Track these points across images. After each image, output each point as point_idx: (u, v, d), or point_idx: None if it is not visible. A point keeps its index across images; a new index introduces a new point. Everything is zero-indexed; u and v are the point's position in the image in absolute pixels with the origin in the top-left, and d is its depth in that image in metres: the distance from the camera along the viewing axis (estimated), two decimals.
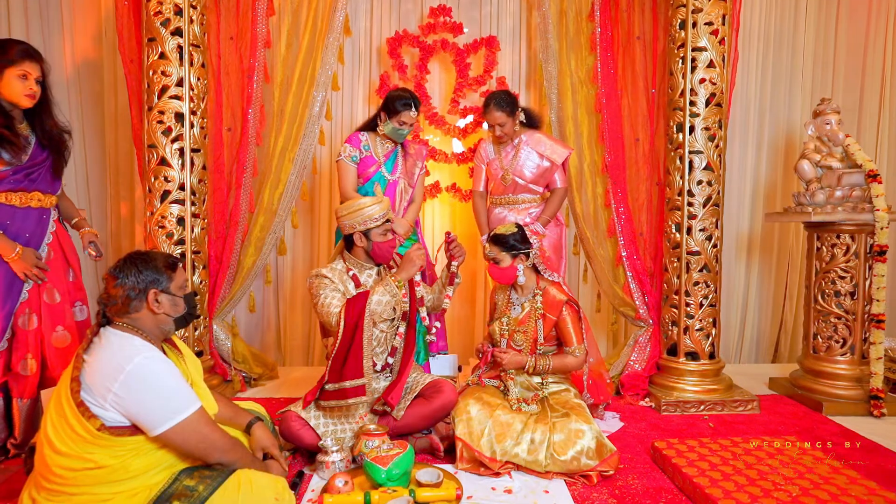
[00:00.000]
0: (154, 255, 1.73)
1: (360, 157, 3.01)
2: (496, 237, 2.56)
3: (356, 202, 2.45)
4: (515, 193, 3.24)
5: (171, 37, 2.91)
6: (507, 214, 3.25)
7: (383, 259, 2.52)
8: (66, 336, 2.38)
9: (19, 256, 2.25)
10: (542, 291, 2.59)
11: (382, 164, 3.03)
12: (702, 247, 3.10)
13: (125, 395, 1.54)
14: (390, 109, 2.96)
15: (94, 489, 1.55)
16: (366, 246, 2.47)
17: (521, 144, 3.20)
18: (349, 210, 2.44)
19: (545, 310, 2.56)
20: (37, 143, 2.35)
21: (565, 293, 2.59)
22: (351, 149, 3.00)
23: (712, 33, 3.03)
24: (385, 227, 2.47)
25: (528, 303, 2.60)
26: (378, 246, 2.47)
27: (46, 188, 2.39)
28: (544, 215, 3.18)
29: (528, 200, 3.24)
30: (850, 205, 3.11)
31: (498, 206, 3.29)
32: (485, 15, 3.98)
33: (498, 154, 3.26)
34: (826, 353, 3.22)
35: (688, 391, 3.09)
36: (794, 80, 4.17)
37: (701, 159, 3.08)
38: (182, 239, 3.00)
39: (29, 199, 2.33)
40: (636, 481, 2.22)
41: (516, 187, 3.22)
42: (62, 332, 2.37)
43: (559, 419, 2.29)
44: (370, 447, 2.14)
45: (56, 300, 2.38)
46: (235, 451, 1.75)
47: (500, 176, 3.23)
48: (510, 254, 2.53)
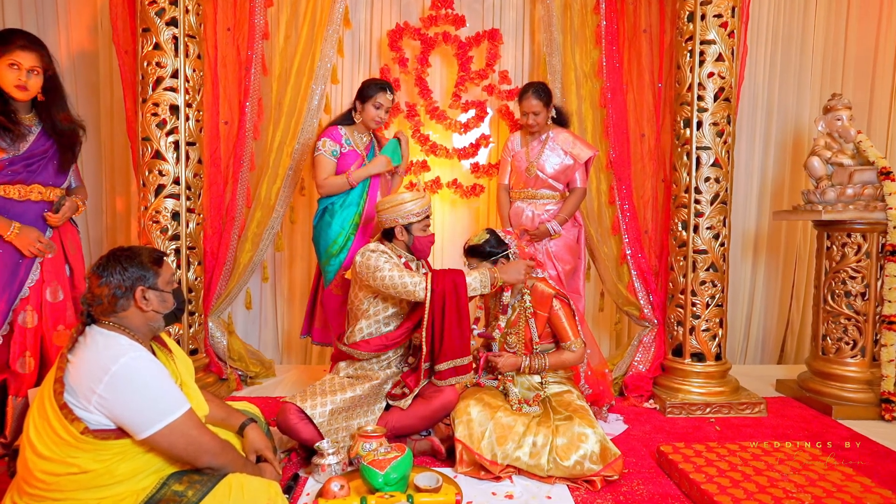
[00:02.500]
0: (138, 251, 1.66)
1: (340, 152, 2.98)
2: (472, 249, 2.54)
3: (398, 196, 2.50)
4: (536, 188, 3.22)
5: (167, 27, 2.84)
6: (526, 208, 3.24)
7: (422, 254, 2.57)
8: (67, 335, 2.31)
9: (16, 234, 2.22)
10: (530, 289, 2.53)
11: (365, 158, 3.03)
12: (709, 245, 3.03)
13: (110, 397, 1.48)
14: (365, 95, 2.95)
15: (78, 495, 1.49)
16: (406, 240, 2.51)
17: (549, 140, 3.20)
18: (391, 204, 2.48)
19: (535, 307, 2.52)
20: (41, 134, 2.30)
21: (553, 287, 2.55)
22: (331, 143, 2.96)
23: (721, 26, 2.95)
24: (426, 223, 2.51)
25: (517, 303, 2.54)
26: (419, 240, 2.51)
27: (48, 181, 2.34)
28: (561, 214, 3.16)
29: (547, 196, 3.22)
30: (861, 203, 3.04)
31: (518, 200, 3.29)
32: (487, 7, 3.90)
33: (525, 147, 3.27)
34: (836, 354, 3.15)
35: (693, 393, 3.02)
36: (802, 75, 4.08)
37: (709, 155, 3.00)
38: (177, 234, 2.93)
39: (28, 191, 2.28)
40: (641, 487, 2.15)
41: (537, 182, 3.21)
42: (63, 331, 2.33)
43: (562, 422, 2.22)
44: (367, 450, 2.08)
45: (59, 298, 2.34)
46: (226, 454, 1.68)
47: (524, 168, 3.24)
48: (490, 261, 2.50)
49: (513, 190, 3.33)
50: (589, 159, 3.18)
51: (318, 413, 2.27)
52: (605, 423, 2.79)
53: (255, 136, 3.38)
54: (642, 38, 3.38)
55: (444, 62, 3.91)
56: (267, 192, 3.37)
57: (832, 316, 3.17)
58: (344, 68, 3.85)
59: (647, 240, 3.40)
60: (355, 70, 3.91)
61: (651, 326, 3.33)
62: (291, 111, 3.36)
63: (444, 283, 2.33)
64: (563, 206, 3.20)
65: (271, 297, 4.00)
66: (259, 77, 3.34)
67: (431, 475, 2.04)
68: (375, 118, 2.97)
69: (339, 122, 3.04)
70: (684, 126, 3.06)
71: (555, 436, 2.15)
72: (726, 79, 2.99)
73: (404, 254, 2.54)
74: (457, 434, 2.23)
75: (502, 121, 3.84)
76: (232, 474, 1.64)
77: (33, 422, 1.51)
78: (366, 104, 2.95)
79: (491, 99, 3.79)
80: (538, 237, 3.16)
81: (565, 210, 3.17)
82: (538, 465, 2.13)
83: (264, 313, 4.01)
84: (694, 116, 3.00)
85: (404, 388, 2.48)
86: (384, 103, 2.95)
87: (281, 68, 3.41)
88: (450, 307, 2.33)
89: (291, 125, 3.35)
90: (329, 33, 3.33)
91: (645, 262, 3.36)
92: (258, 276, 3.82)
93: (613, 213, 3.41)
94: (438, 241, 3.97)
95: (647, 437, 2.66)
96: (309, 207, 3.94)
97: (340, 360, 2.56)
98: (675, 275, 3.14)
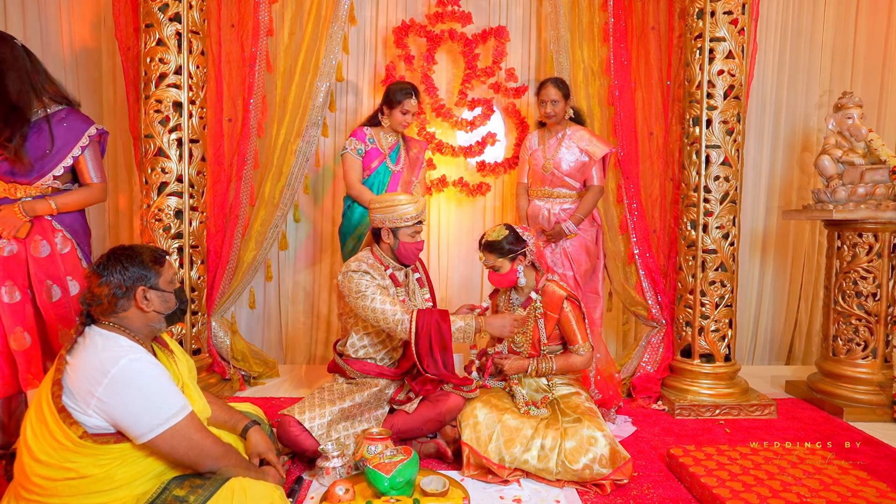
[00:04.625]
0: (139, 250, 1.62)
1: (364, 150, 3.04)
2: (489, 244, 2.46)
3: (392, 196, 2.38)
4: (552, 186, 3.21)
5: (170, 23, 2.81)
6: (543, 207, 3.22)
7: (408, 260, 2.46)
8: (25, 338, 2.15)
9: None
10: (541, 289, 2.49)
11: (387, 156, 3.06)
12: (718, 245, 2.99)
13: (109, 400, 1.44)
14: (391, 101, 3.00)
15: (76, 500, 1.45)
16: (392, 244, 2.41)
17: (565, 137, 3.19)
18: (382, 203, 2.37)
19: (545, 308, 2.46)
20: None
21: (565, 289, 2.49)
22: (356, 142, 3.03)
23: (731, 23, 2.91)
24: (416, 229, 2.40)
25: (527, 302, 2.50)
26: (404, 246, 2.40)
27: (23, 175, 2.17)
28: (577, 213, 3.13)
29: (564, 195, 3.19)
30: (873, 202, 2.99)
31: (535, 198, 3.28)
32: (494, 4, 3.86)
33: (542, 144, 3.27)
34: (847, 356, 3.10)
35: (702, 394, 2.98)
36: (811, 74, 4.03)
37: (718, 154, 2.96)
38: (180, 232, 2.90)
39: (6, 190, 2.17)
40: (651, 490, 2.11)
41: (553, 179, 3.19)
42: (21, 333, 2.15)
43: (571, 425, 2.18)
44: (373, 452, 2.04)
45: (16, 299, 2.15)
46: (229, 457, 1.65)
47: (540, 166, 3.23)
48: (507, 258, 2.44)
49: (531, 188, 3.32)
50: (605, 156, 3.16)
51: (316, 426, 2.21)
52: (614, 424, 2.74)
53: (259, 133, 3.35)
54: (650, 36, 3.35)
55: (450, 59, 3.87)
56: (271, 191, 3.34)
57: (843, 316, 3.13)
58: (349, 65, 3.82)
59: (654, 239, 3.36)
60: (360, 67, 3.87)
61: (659, 327, 3.29)
62: (296, 108, 3.33)
63: (429, 326, 2.24)
64: (580, 204, 3.16)
65: (275, 297, 3.96)
66: (263, 74, 3.31)
67: (438, 478, 2.01)
68: (402, 123, 3.04)
69: (366, 124, 3.11)
70: (693, 124, 3.01)
71: (563, 439, 2.11)
72: (736, 76, 2.94)
73: (390, 262, 2.45)
74: (463, 437, 2.19)
75: (509, 118, 3.80)
76: (234, 478, 1.61)
77: (31, 425, 1.48)
78: (393, 110, 3.00)
79: (497, 97, 3.76)
80: (554, 237, 3.12)
81: (581, 209, 3.14)
82: (546, 468, 2.09)
83: (268, 313, 3.98)
84: (703, 114, 2.96)
85: (409, 392, 2.44)
86: (410, 109, 3.01)
87: (285, 65, 3.38)
88: (436, 347, 2.26)
89: (296, 123, 3.32)
90: (334, 30, 3.30)
91: (653, 262, 3.32)
92: (262, 276, 3.79)
93: (621, 211, 3.37)
94: (443, 241, 3.94)
95: (656, 440, 2.62)
96: (313, 206, 3.92)
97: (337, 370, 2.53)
98: (684, 274, 3.10)
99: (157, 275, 1.62)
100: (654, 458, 2.40)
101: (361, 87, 3.89)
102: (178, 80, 2.83)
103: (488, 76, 3.71)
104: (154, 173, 2.86)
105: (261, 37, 3.27)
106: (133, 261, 1.58)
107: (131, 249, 1.62)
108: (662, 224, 3.36)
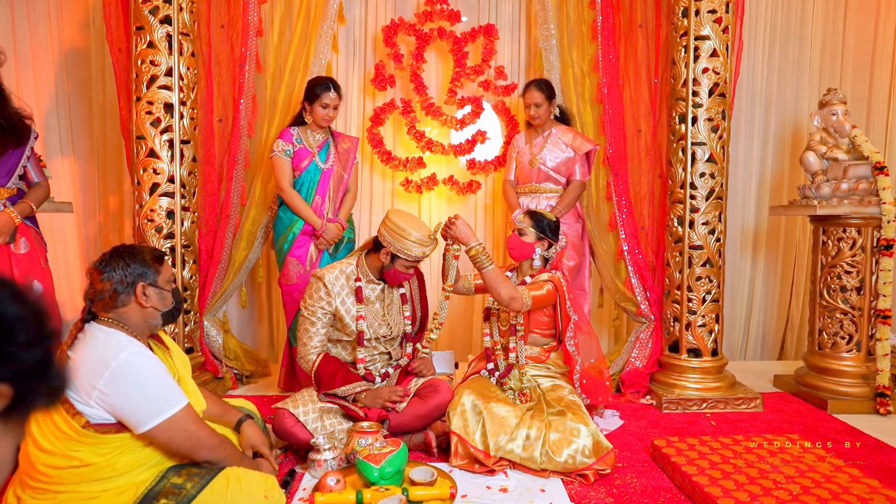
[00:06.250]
0: (141, 248, 1.70)
1: (293, 151, 3.06)
2: (534, 212, 2.62)
3: (408, 228, 2.31)
4: (539, 182, 3.31)
5: (161, 25, 2.83)
6: (529, 203, 3.30)
7: (392, 282, 2.50)
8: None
9: None
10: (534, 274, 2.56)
11: (316, 154, 3.09)
12: (704, 241, 3.03)
13: (110, 392, 1.50)
14: (311, 96, 3.01)
15: (79, 487, 1.52)
16: (385, 263, 2.41)
17: (551, 135, 3.31)
18: (395, 229, 2.32)
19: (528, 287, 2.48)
20: None
21: (554, 278, 2.52)
22: (283, 143, 3.05)
23: (715, 21, 2.95)
24: (413, 265, 2.42)
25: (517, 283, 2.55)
26: (395, 271, 2.42)
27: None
28: (558, 206, 3.21)
29: (549, 190, 3.31)
30: (856, 198, 3.04)
31: (522, 195, 3.37)
32: (483, 2, 3.89)
33: (529, 143, 3.39)
34: (832, 349, 3.15)
35: (689, 388, 3.02)
36: (801, 70, 4.08)
37: (704, 151, 3.00)
38: (172, 233, 2.93)
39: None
40: (635, 480, 2.16)
41: (539, 175, 3.29)
42: None
43: (555, 417, 2.23)
44: (363, 445, 2.08)
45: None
46: (224, 448, 1.72)
47: (527, 161, 3.33)
48: (537, 233, 2.54)
49: (518, 186, 3.42)
50: (590, 152, 3.24)
51: (311, 419, 2.29)
52: (602, 418, 2.78)
53: (250, 133, 3.37)
54: (638, 34, 3.38)
55: (439, 58, 3.90)
56: (262, 190, 3.36)
57: (828, 311, 3.17)
58: (339, 65, 3.85)
59: (643, 236, 3.39)
60: (350, 66, 3.90)
61: (648, 322, 3.33)
62: (286, 108, 3.36)
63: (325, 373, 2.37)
64: (560, 199, 3.22)
65: (266, 296, 3.99)
66: (253, 74, 3.33)
67: (426, 469, 2.05)
68: (324, 117, 3.04)
69: (292, 124, 3.13)
70: (679, 122, 3.05)
71: (548, 430, 2.16)
72: (721, 74, 2.98)
73: (372, 275, 2.47)
74: (452, 426, 2.24)
75: (499, 116, 3.83)
76: (229, 468, 1.68)
77: (36, 416, 1.53)
78: (314, 105, 3.01)
79: (487, 94, 3.79)
80: None
81: (562, 203, 3.19)
82: (531, 457, 2.14)
83: (259, 312, 4.01)
84: (689, 112, 3.00)
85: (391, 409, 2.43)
86: (330, 102, 3.01)
87: (275, 65, 3.40)
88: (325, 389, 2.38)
89: (286, 123, 3.33)
90: (323, 29, 3.33)
91: (642, 258, 3.35)
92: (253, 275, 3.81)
93: (610, 208, 3.41)
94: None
95: (642, 433, 2.66)
96: None
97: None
98: (671, 270, 3.14)
99: (156, 273, 1.68)
100: (640, 450, 2.44)
101: (351, 86, 3.92)
102: (169, 81, 2.86)
103: (478, 74, 3.74)
104: (146, 174, 2.88)
105: (250, 37, 3.29)
106: (135, 258, 1.66)
107: (133, 248, 1.69)
108: (651, 221, 3.40)
